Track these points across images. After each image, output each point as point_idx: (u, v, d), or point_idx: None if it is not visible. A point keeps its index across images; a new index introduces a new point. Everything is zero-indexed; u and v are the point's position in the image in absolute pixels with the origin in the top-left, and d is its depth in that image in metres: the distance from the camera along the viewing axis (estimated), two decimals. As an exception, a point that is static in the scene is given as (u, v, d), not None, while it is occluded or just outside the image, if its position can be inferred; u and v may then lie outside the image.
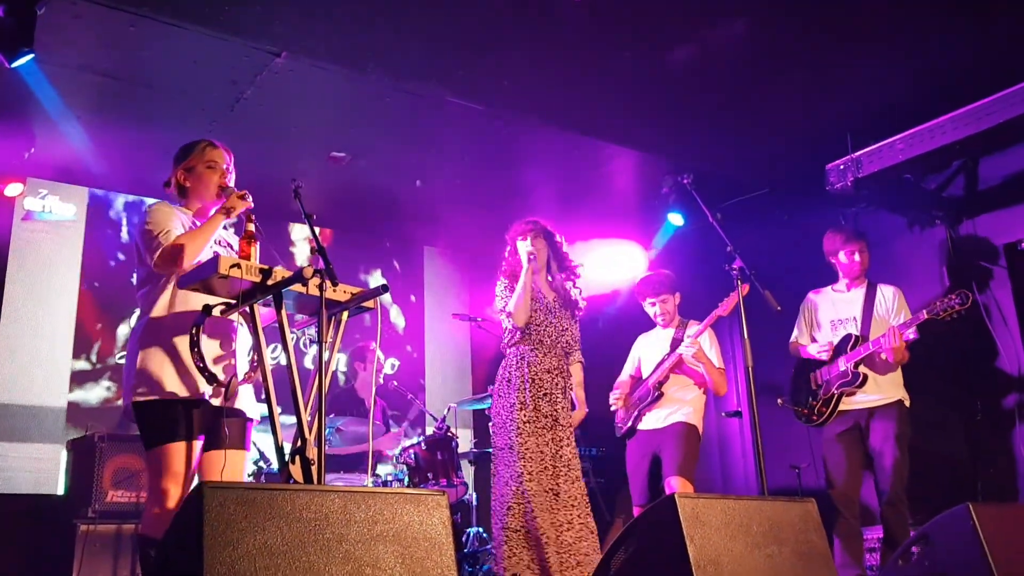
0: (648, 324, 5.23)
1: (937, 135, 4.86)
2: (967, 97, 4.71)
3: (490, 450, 5.79)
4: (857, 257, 4.79)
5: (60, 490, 5.93)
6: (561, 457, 4.19)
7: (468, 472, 6.41)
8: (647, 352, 5.11)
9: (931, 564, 3.22)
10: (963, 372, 5.42)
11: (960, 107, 4.73)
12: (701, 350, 4.73)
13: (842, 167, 5.28)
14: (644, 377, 5.01)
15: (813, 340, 4.91)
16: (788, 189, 6.40)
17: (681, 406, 4.81)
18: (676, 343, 4.89)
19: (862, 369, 4.59)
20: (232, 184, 3.41)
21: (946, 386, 5.44)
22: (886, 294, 4.76)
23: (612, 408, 5.06)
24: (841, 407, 4.66)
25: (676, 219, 6.42)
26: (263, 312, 3.03)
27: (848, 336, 4.70)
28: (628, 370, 5.19)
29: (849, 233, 4.87)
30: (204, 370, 2.95)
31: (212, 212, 3.32)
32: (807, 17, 4.43)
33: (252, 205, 3.27)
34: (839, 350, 4.72)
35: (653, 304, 5.01)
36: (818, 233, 5.06)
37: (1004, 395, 5.28)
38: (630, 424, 4.92)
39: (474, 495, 6.01)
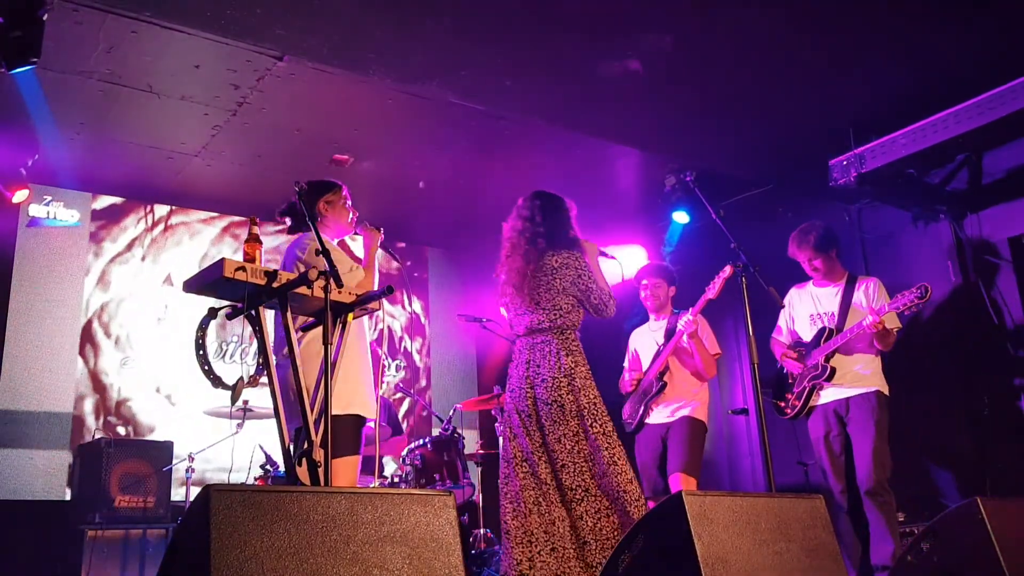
0: (640, 321, 5.27)
1: (940, 129, 4.84)
2: (970, 91, 4.70)
3: (494, 452, 5.81)
4: (813, 265, 4.76)
5: (68, 496, 5.94)
6: None
7: (475, 473, 6.41)
8: (642, 346, 5.15)
9: (940, 559, 3.21)
10: (970, 366, 5.40)
11: (963, 101, 4.72)
12: (698, 328, 4.80)
13: (845, 162, 5.27)
14: (644, 370, 5.05)
15: (792, 335, 4.91)
16: (791, 185, 6.38)
17: (688, 400, 4.87)
18: (670, 333, 4.94)
19: (832, 362, 4.58)
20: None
21: (953, 381, 5.43)
22: (867, 287, 4.70)
23: (628, 390, 5.05)
24: (814, 401, 4.65)
25: (681, 217, 6.41)
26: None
27: (822, 330, 4.69)
28: (631, 366, 5.22)
29: (797, 243, 4.75)
30: (209, 373, 2.95)
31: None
32: (809, 12, 4.42)
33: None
34: (813, 344, 4.72)
35: (647, 287, 5.09)
36: (822, 229, 5.05)
37: (1011, 389, 5.26)
38: (638, 419, 4.95)
39: (481, 496, 6.00)
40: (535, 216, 4.06)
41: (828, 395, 4.62)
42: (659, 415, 4.92)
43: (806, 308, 4.85)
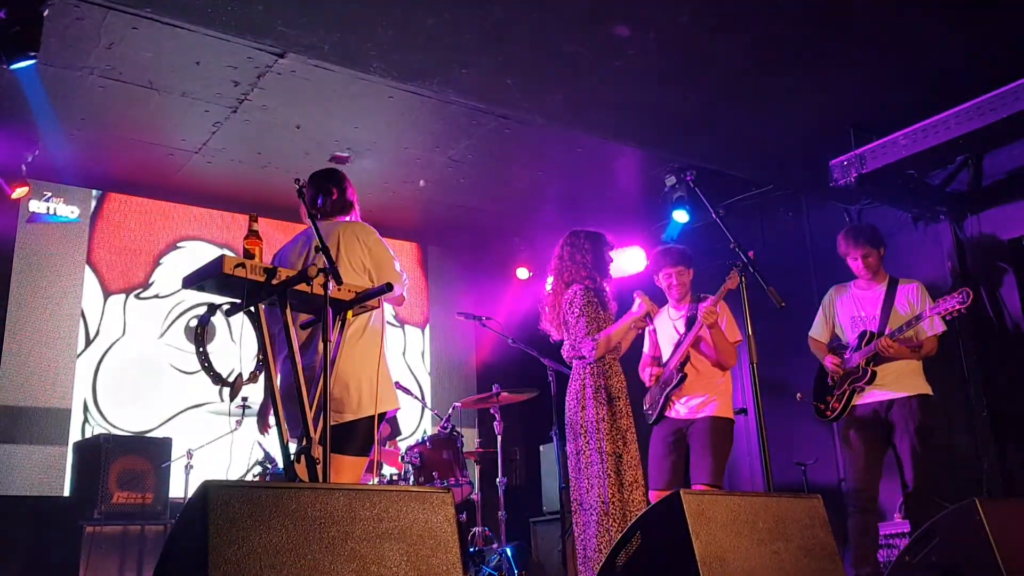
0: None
1: (941, 130, 4.83)
2: (971, 92, 4.69)
3: (492, 450, 5.81)
4: (861, 262, 4.74)
5: (66, 492, 5.94)
6: None
7: (473, 471, 6.41)
8: (662, 335, 4.98)
9: (938, 559, 3.21)
10: (968, 367, 5.40)
11: (964, 102, 4.71)
12: (723, 315, 4.66)
13: (846, 163, 5.25)
14: (665, 360, 4.92)
15: (833, 337, 4.88)
16: (791, 185, 6.38)
17: (711, 395, 4.69)
18: (691, 322, 4.77)
19: (873, 366, 4.56)
20: None
21: (951, 381, 5.42)
22: (909, 291, 4.69)
23: (650, 384, 4.95)
24: (855, 401, 4.64)
25: (681, 216, 6.40)
26: None
27: (863, 332, 4.68)
28: (651, 351, 5.10)
29: (852, 239, 4.77)
30: (209, 370, 2.95)
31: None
32: (810, 12, 4.42)
33: None
34: (855, 347, 4.70)
35: (670, 275, 4.88)
36: (821, 229, 5.05)
37: (1009, 390, 5.26)
38: (659, 411, 4.82)
39: (479, 494, 6.01)
40: (563, 254, 4.64)
41: (869, 397, 4.61)
42: (681, 408, 4.74)
43: (847, 310, 4.82)
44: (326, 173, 3.92)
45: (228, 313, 3.01)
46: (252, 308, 2.95)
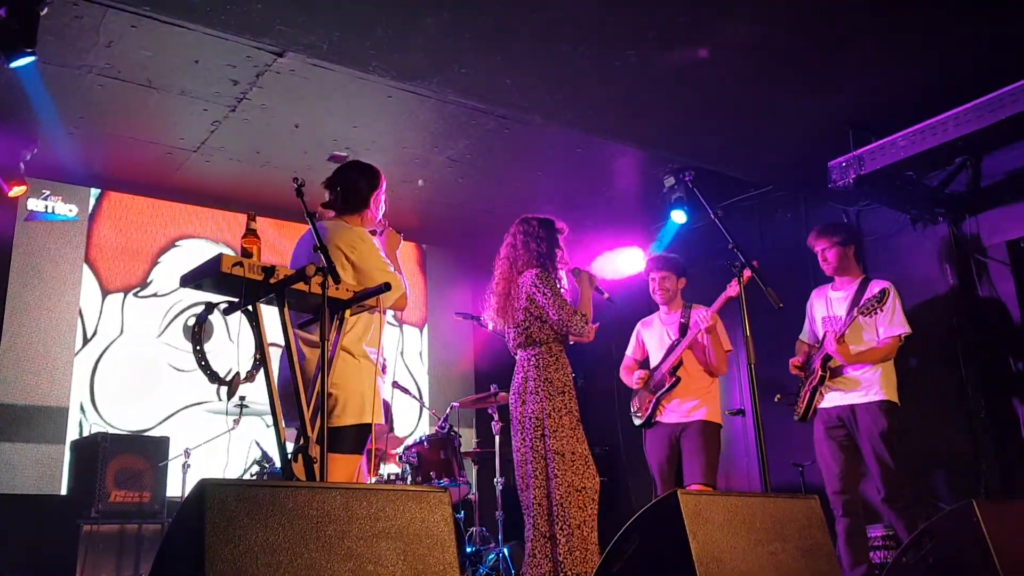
0: (645, 313, 5.21)
1: (940, 132, 4.83)
2: (970, 93, 4.69)
3: (490, 450, 5.81)
4: (825, 256, 4.75)
5: (63, 490, 5.94)
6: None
7: (471, 471, 6.41)
8: (652, 339, 5.08)
9: (935, 561, 3.21)
10: (966, 369, 5.40)
11: (963, 103, 4.71)
12: (718, 323, 4.73)
13: (844, 164, 5.25)
14: (655, 365, 4.96)
15: (812, 336, 4.89)
16: (790, 186, 6.39)
17: (701, 400, 4.78)
18: (684, 327, 4.88)
19: (827, 367, 4.61)
20: None
21: (949, 383, 5.43)
22: (874, 291, 4.61)
23: (636, 386, 4.98)
24: (818, 404, 4.67)
25: (679, 216, 6.40)
26: None
27: (826, 333, 4.69)
28: (634, 354, 5.14)
29: (814, 233, 4.82)
30: (206, 368, 2.95)
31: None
32: (809, 13, 4.42)
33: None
34: (818, 347, 4.72)
35: (653, 280, 5.02)
36: (820, 231, 5.04)
37: (1007, 391, 5.26)
38: (648, 414, 4.86)
39: (477, 493, 6.01)
40: (515, 240, 4.34)
41: (833, 399, 4.63)
42: (672, 414, 4.82)
43: (820, 311, 4.84)
44: (355, 166, 3.78)
45: (226, 312, 3.01)
46: (250, 307, 2.95)
